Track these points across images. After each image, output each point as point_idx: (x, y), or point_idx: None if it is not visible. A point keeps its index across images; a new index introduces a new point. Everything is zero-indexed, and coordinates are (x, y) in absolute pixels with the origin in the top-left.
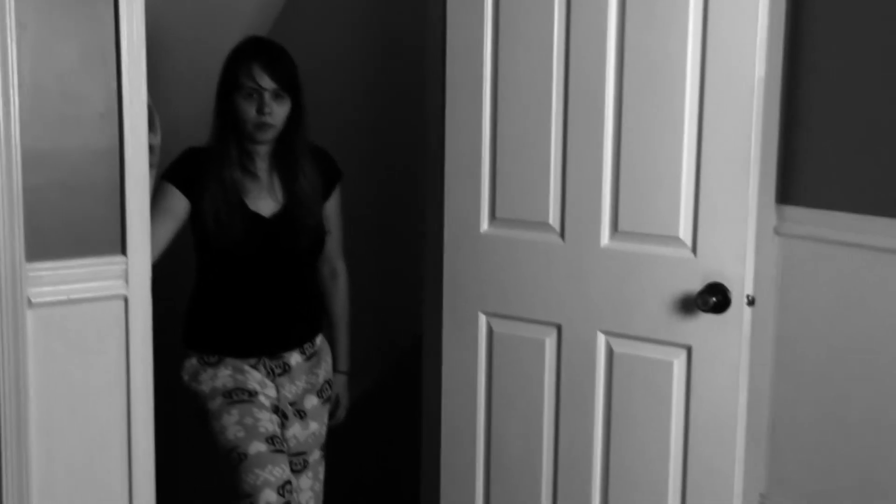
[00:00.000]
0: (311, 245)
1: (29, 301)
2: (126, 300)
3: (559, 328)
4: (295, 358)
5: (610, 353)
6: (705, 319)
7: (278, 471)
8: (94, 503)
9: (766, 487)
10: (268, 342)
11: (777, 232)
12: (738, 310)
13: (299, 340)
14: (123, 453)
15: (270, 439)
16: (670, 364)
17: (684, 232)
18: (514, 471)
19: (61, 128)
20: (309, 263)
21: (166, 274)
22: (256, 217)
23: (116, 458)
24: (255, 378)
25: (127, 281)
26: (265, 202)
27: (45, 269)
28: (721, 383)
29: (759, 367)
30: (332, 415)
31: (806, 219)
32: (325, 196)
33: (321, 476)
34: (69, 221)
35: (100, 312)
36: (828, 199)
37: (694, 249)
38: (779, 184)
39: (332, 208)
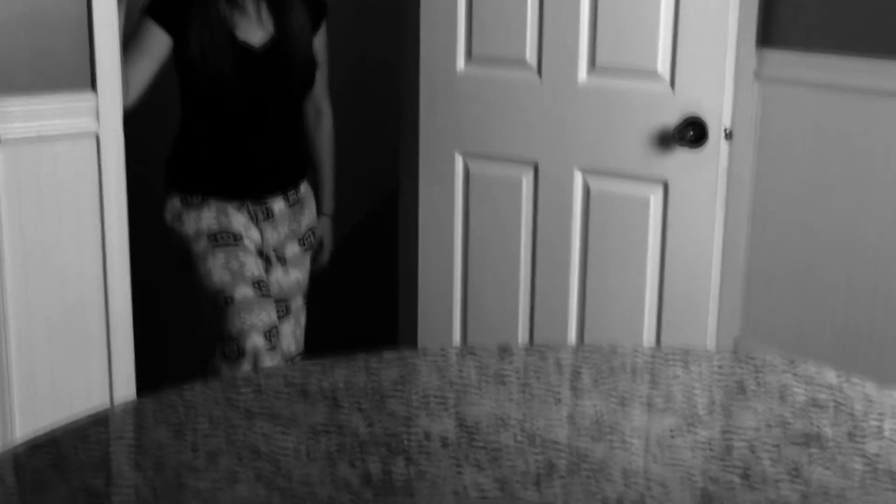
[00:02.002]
0: (303, 79)
1: None
2: (97, 138)
3: (536, 167)
4: (279, 205)
5: (587, 191)
6: (682, 154)
7: (265, 315)
8: (73, 354)
9: (741, 331)
10: (253, 184)
11: (757, 76)
12: (716, 144)
13: (284, 185)
14: (100, 288)
15: (257, 283)
16: (647, 200)
17: (662, 66)
18: (491, 310)
19: None
20: (298, 100)
21: (150, 115)
22: (245, 49)
23: (94, 304)
24: (239, 221)
25: (98, 118)
26: (254, 33)
27: (15, 105)
28: (697, 218)
29: (736, 213)
30: (315, 258)
31: (786, 62)
32: (314, 28)
33: (302, 322)
34: (37, 56)
35: (71, 150)
36: (809, 40)
37: (672, 84)
38: (760, 26)
39: (319, 43)
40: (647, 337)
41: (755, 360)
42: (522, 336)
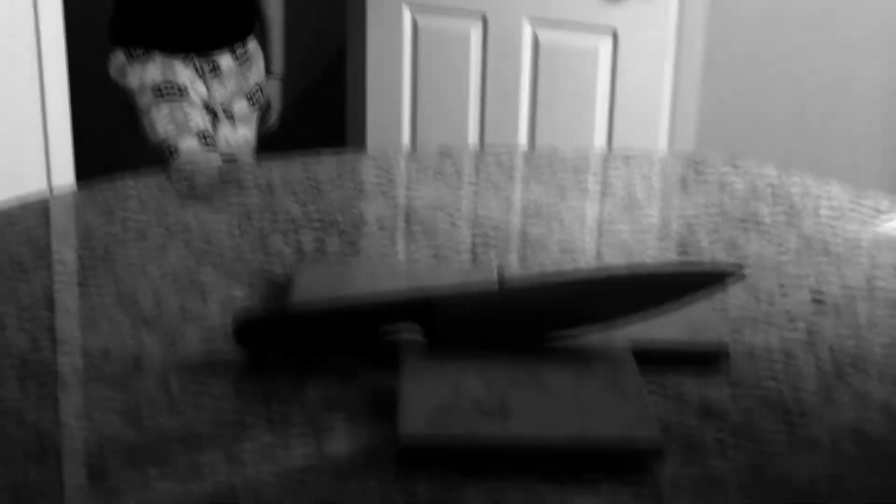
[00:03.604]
0: None
1: None
2: None
3: (484, 18)
4: (226, 60)
5: (535, 43)
6: (632, 3)
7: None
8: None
9: None
10: (197, 36)
11: None
12: None
13: (230, 39)
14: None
15: (202, 135)
16: (595, 50)
17: None
18: None
19: None
20: None
21: None
22: None
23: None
24: (184, 75)
25: None
26: None
27: None
28: (647, 67)
29: (688, 61)
30: (263, 120)
31: None
32: None
33: None
34: None
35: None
36: None
37: None
38: None
39: None
40: None
41: (696, 159)
42: None
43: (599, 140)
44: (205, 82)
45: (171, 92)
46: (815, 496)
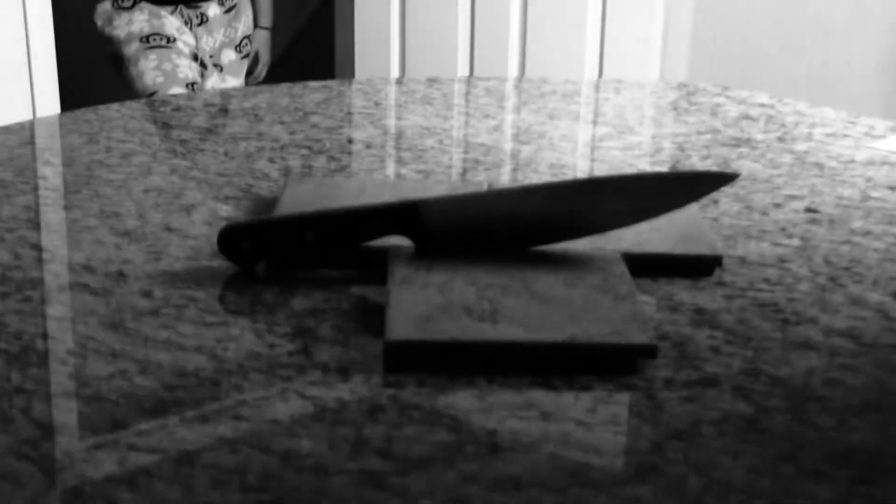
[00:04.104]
0: None
1: None
2: None
3: None
4: (213, 9)
5: None
6: None
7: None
8: None
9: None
10: None
11: None
12: None
13: None
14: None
15: (190, 86)
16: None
17: None
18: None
19: None
20: None
21: None
22: None
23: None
24: (172, 24)
25: None
26: None
27: None
28: (636, 20)
29: None
30: (251, 72)
31: None
32: None
33: None
34: None
35: None
36: None
37: None
38: None
39: None
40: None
41: (688, 86)
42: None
43: (590, 72)
44: (193, 32)
45: (158, 41)
46: (810, 393)
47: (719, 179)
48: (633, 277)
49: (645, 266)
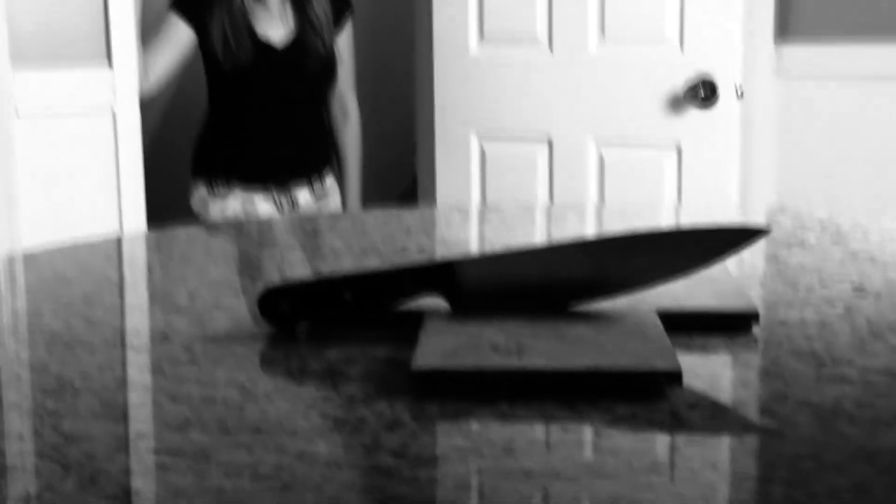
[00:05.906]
0: (320, 78)
1: (17, 111)
2: (114, 113)
3: (550, 142)
4: (304, 195)
5: (601, 161)
6: (695, 116)
7: None
8: None
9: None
10: (276, 167)
11: (777, 74)
12: (727, 102)
13: (308, 172)
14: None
15: None
16: (660, 165)
17: (671, 30)
18: None
19: None
20: (320, 94)
21: (182, 106)
22: (265, 45)
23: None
24: (264, 209)
25: (114, 93)
26: (276, 29)
27: (31, 79)
28: (712, 181)
29: (759, 169)
30: None
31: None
32: (337, 25)
33: None
34: (54, 31)
35: (88, 126)
36: (827, 28)
37: (681, 46)
38: (777, 19)
39: (343, 41)
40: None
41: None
42: None
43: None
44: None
45: None
46: (840, 411)
47: (750, 233)
48: (668, 334)
49: (680, 323)
